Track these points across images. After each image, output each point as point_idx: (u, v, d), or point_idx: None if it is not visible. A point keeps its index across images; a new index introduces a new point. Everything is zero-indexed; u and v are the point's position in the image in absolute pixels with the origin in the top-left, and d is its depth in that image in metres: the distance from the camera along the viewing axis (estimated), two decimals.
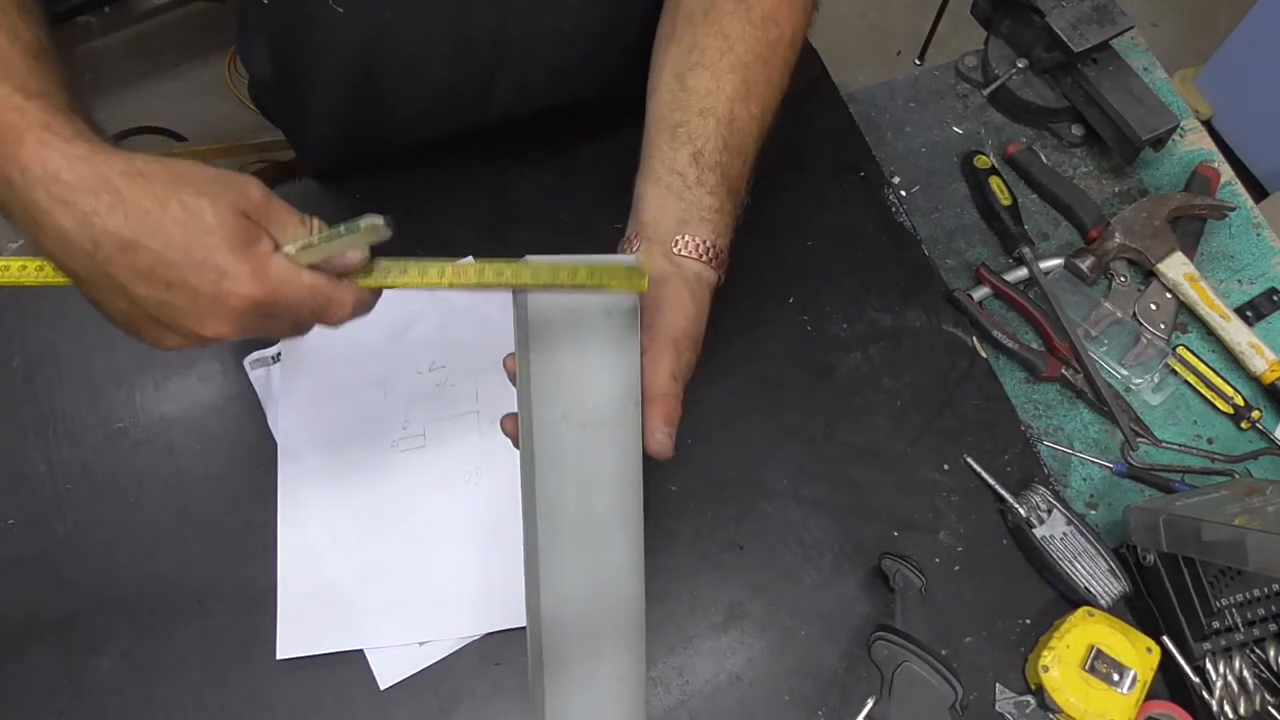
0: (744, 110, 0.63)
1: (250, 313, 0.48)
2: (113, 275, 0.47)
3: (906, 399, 0.82)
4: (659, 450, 0.54)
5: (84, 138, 0.47)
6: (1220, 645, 0.72)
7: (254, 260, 0.47)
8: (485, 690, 0.70)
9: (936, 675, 0.67)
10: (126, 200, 0.45)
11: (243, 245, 0.47)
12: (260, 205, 0.49)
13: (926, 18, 2.08)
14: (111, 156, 0.46)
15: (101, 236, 0.46)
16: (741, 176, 0.64)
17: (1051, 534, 0.75)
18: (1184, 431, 0.86)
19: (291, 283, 0.49)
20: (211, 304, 0.47)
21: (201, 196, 0.46)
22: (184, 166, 0.48)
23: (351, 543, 0.73)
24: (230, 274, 0.47)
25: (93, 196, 0.45)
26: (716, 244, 0.60)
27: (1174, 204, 0.91)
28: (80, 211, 0.45)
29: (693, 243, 0.59)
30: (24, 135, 0.45)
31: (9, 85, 0.47)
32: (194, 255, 0.46)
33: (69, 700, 0.69)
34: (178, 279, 0.46)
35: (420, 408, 0.78)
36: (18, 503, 0.74)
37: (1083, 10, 0.92)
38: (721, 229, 0.61)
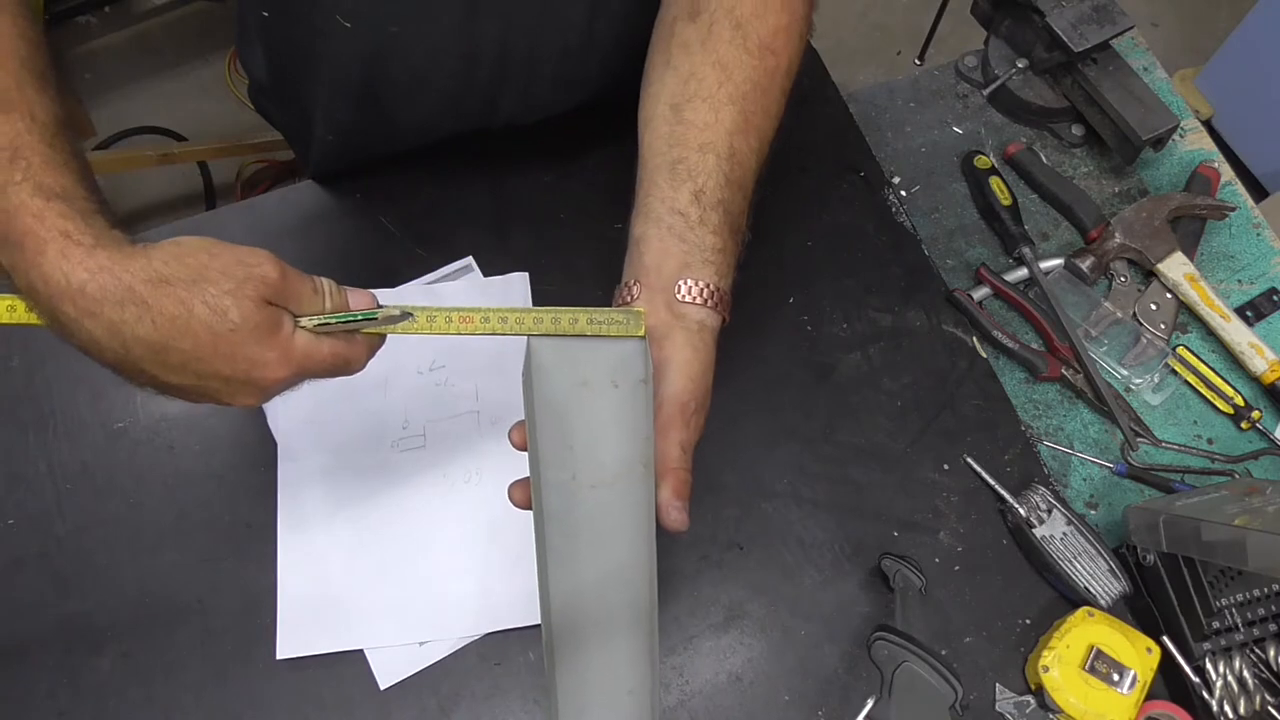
0: (743, 144, 0.61)
1: (278, 387, 0.52)
2: (145, 370, 0.50)
3: (906, 399, 0.82)
4: (673, 526, 0.53)
5: (104, 245, 0.47)
6: (1220, 645, 0.72)
7: (280, 346, 0.50)
8: (485, 690, 0.70)
9: (936, 675, 0.67)
10: (152, 309, 0.47)
11: (268, 335, 0.50)
12: (278, 286, 0.50)
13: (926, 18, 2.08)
14: (132, 263, 0.47)
15: (131, 342, 0.48)
16: (743, 213, 0.62)
17: (1051, 534, 0.75)
18: (1184, 431, 0.86)
19: (314, 355, 0.52)
20: (244, 386, 0.51)
21: (225, 296, 0.48)
22: (203, 261, 0.49)
23: (351, 542, 0.73)
24: (260, 362, 0.50)
25: (119, 308, 0.47)
26: (720, 287, 0.58)
27: (1174, 204, 0.91)
28: (109, 321, 0.47)
29: (696, 288, 0.57)
30: (45, 245, 0.46)
31: (29, 185, 0.47)
32: (223, 350, 0.49)
33: (69, 700, 0.69)
34: (209, 371, 0.49)
35: (420, 408, 0.78)
36: (18, 503, 0.74)
37: (1083, 10, 0.92)
38: (725, 270, 0.59)
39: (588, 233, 0.84)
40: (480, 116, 0.82)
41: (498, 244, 0.84)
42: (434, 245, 0.84)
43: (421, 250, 0.84)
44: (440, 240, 0.84)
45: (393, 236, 0.85)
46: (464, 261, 0.84)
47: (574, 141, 0.88)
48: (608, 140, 0.87)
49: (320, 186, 0.87)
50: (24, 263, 0.47)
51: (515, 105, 0.81)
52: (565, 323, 0.56)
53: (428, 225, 0.85)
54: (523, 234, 0.85)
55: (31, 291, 0.48)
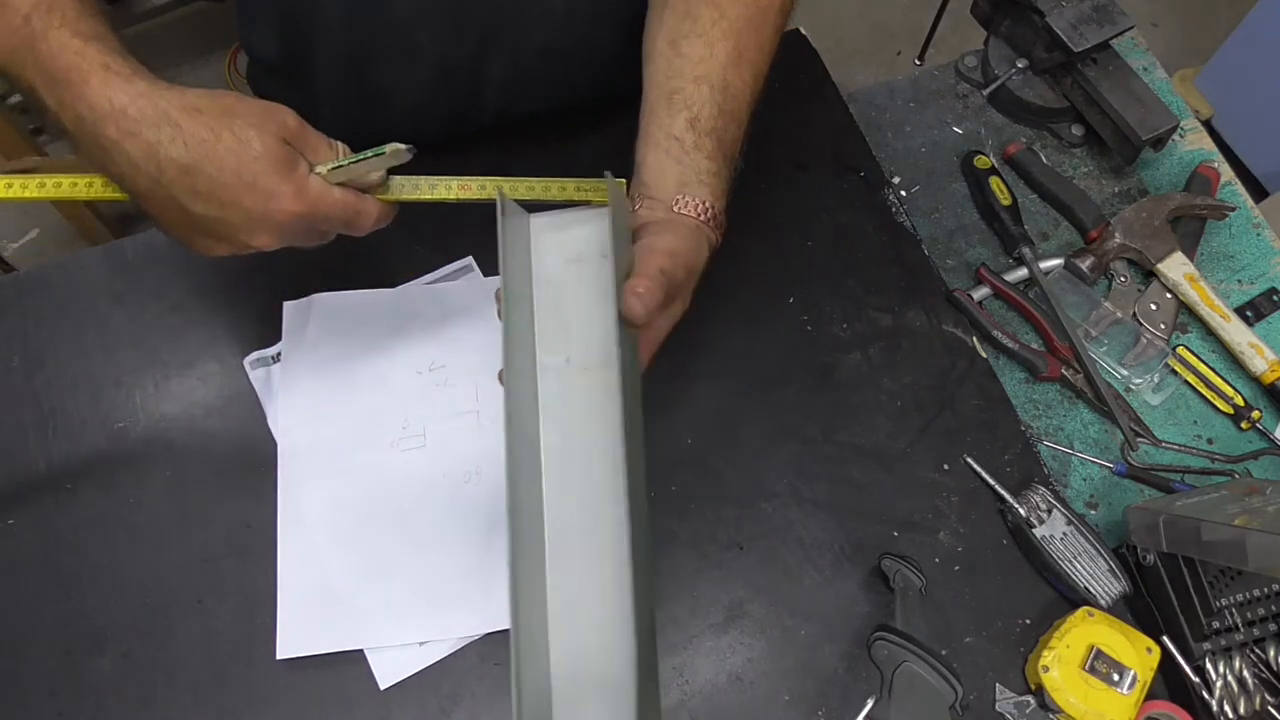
0: (737, 76, 0.65)
1: (293, 226, 0.57)
2: (174, 196, 0.54)
3: (906, 399, 0.82)
4: (626, 310, 0.53)
5: (141, 75, 0.53)
6: (1220, 645, 0.72)
7: (296, 181, 0.56)
8: (485, 690, 0.70)
9: (936, 675, 0.67)
10: (185, 132, 0.53)
11: (286, 168, 0.55)
12: (297, 132, 0.57)
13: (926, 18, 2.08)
14: (168, 92, 0.53)
15: (165, 163, 0.53)
16: (736, 141, 0.66)
17: (1051, 534, 0.75)
18: (1184, 431, 0.86)
19: (326, 198, 0.58)
20: (261, 219, 0.55)
21: (249, 128, 0.54)
22: (231, 100, 0.55)
23: (351, 542, 0.73)
24: (277, 194, 0.55)
25: (156, 129, 0.52)
26: (714, 206, 0.62)
27: (1174, 204, 0.91)
28: (146, 142, 0.52)
29: (692, 203, 0.62)
30: (89, 76, 0.52)
31: (66, 31, 0.53)
32: (245, 178, 0.54)
33: (69, 700, 0.69)
34: (231, 199, 0.54)
35: (420, 408, 0.78)
36: (18, 503, 0.74)
37: (1083, 10, 0.92)
38: (719, 192, 0.63)
39: None
40: (470, 91, 0.82)
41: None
42: (434, 245, 0.84)
43: (421, 250, 0.84)
44: (440, 240, 0.84)
45: (393, 236, 0.84)
46: (464, 261, 0.84)
47: (573, 142, 0.88)
48: (607, 142, 0.87)
49: None
50: (70, 95, 0.52)
51: (504, 77, 0.81)
52: (555, 190, 0.62)
53: (428, 225, 0.85)
54: None
55: (78, 121, 0.53)
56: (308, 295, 0.81)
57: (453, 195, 0.62)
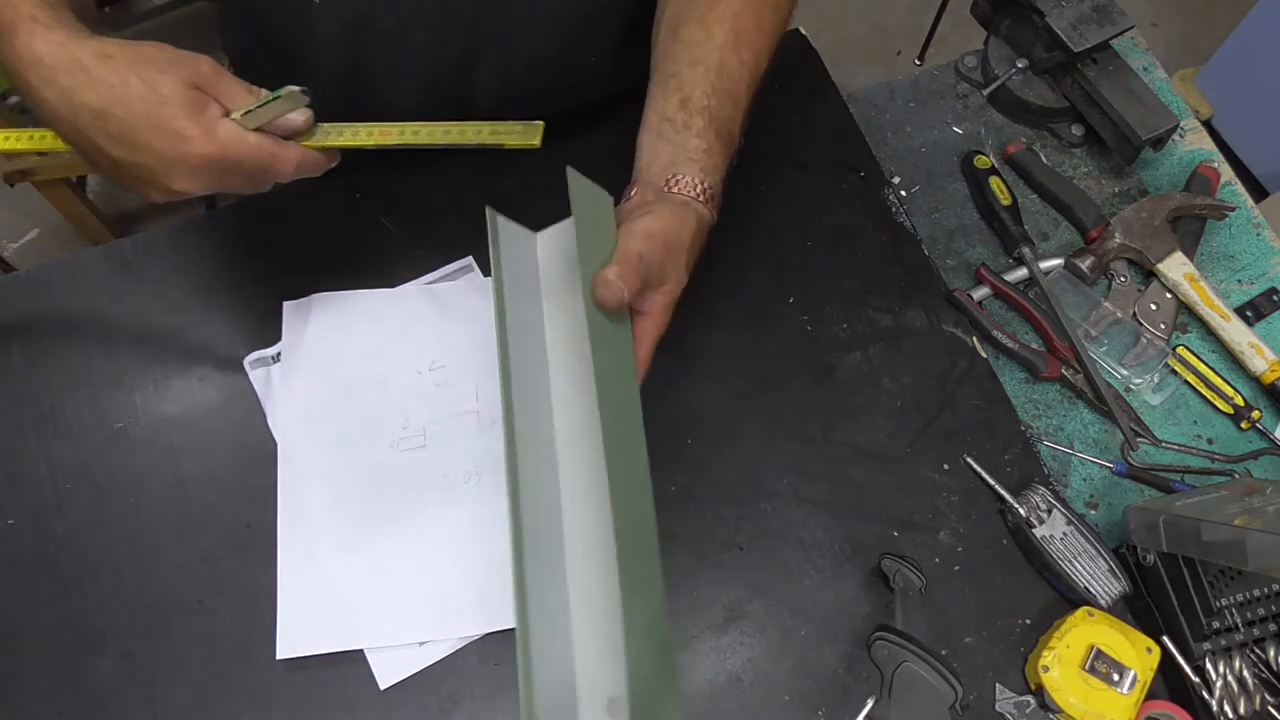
0: (734, 57, 0.67)
1: (207, 169, 0.57)
2: (93, 139, 0.56)
3: (906, 399, 0.82)
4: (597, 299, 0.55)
5: (63, 25, 0.55)
6: (1220, 645, 0.72)
7: (204, 124, 0.56)
8: (485, 690, 0.70)
9: (936, 675, 0.67)
10: (95, 78, 0.55)
11: (195, 112, 0.56)
12: (210, 78, 0.58)
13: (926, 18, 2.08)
14: (87, 41, 0.55)
15: (79, 108, 0.55)
16: (733, 119, 0.67)
17: (1051, 534, 0.75)
18: (1184, 431, 0.86)
19: (238, 141, 0.58)
20: (175, 162, 0.56)
21: (159, 73, 0.55)
22: (147, 48, 0.57)
23: (351, 543, 0.73)
24: (186, 136, 0.56)
25: (70, 75, 0.54)
26: (705, 182, 0.64)
27: (1174, 204, 0.91)
28: (61, 88, 0.55)
29: (683, 181, 0.63)
30: (17, 26, 0.55)
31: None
32: (154, 121, 0.55)
33: (69, 700, 0.69)
34: (143, 142, 0.56)
35: (420, 408, 0.78)
36: (18, 503, 0.74)
37: (1083, 10, 0.92)
38: (709, 168, 0.65)
39: None
40: (458, 101, 0.82)
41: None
42: (434, 245, 0.84)
43: (421, 250, 0.84)
44: (440, 240, 0.84)
45: (393, 236, 0.85)
46: (464, 261, 0.84)
47: (573, 143, 0.88)
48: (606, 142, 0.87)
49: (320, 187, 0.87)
50: (4, 44, 0.55)
51: (493, 85, 0.81)
52: (470, 134, 0.63)
53: (428, 225, 0.85)
54: None
55: (12, 68, 0.56)
56: (308, 295, 0.81)
57: (372, 141, 0.63)
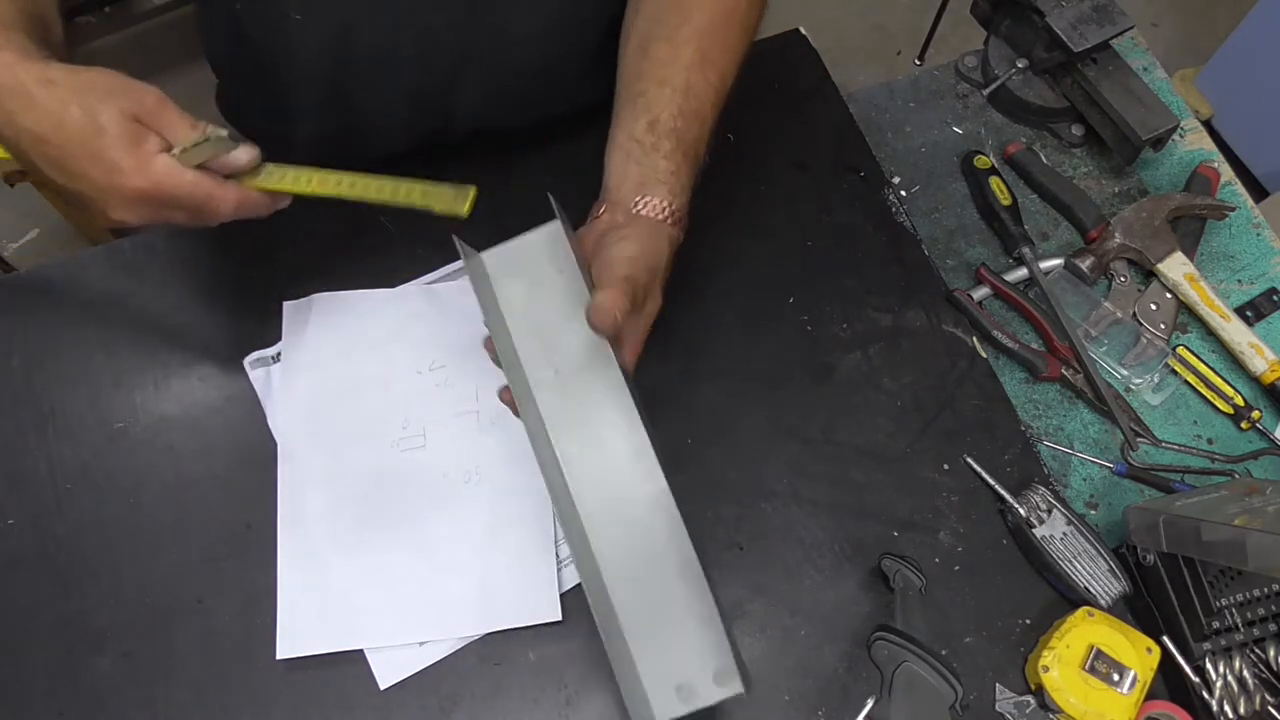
0: (700, 78, 0.68)
1: (141, 201, 0.57)
2: (34, 162, 0.57)
3: (906, 399, 0.82)
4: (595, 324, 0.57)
5: (10, 47, 0.55)
6: (1220, 645, 0.72)
7: (139, 157, 0.56)
8: (485, 690, 0.70)
9: (936, 675, 0.67)
10: (36, 103, 0.55)
11: (131, 145, 0.56)
12: (152, 111, 0.57)
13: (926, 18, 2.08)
14: (32, 65, 0.55)
15: (21, 131, 0.55)
16: (699, 140, 0.68)
17: (1051, 534, 0.75)
18: (1184, 431, 0.86)
19: (174, 178, 0.57)
20: (109, 192, 0.56)
21: (99, 102, 0.55)
22: (91, 75, 0.56)
23: (351, 542, 0.73)
24: (120, 168, 0.55)
25: (12, 98, 0.55)
26: (672, 204, 0.65)
27: (1174, 204, 0.91)
28: (5, 110, 0.55)
29: (652, 203, 0.64)
30: None
31: None
32: (90, 150, 0.55)
33: (69, 700, 0.69)
34: (79, 170, 0.56)
35: (420, 408, 0.78)
36: (18, 503, 0.74)
37: (1083, 10, 0.92)
38: (677, 189, 0.66)
39: None
40: (444, 112, 0.83)
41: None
42: (434, 245, 0.84)
43: (421, 250, 0.84)
44: (440, 240, 0.83)
45: (393, 236, 0.85)
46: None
47: (573, 143, 0.88)
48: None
49: None
50: None
51: (478, 99, 0.82)
52: (402, 193, 0.64)
53: (428, 225, 0.84)
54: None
55: None
56: (308, 295, 0.81)
57: (310, 189, 0.63)
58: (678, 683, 0.61)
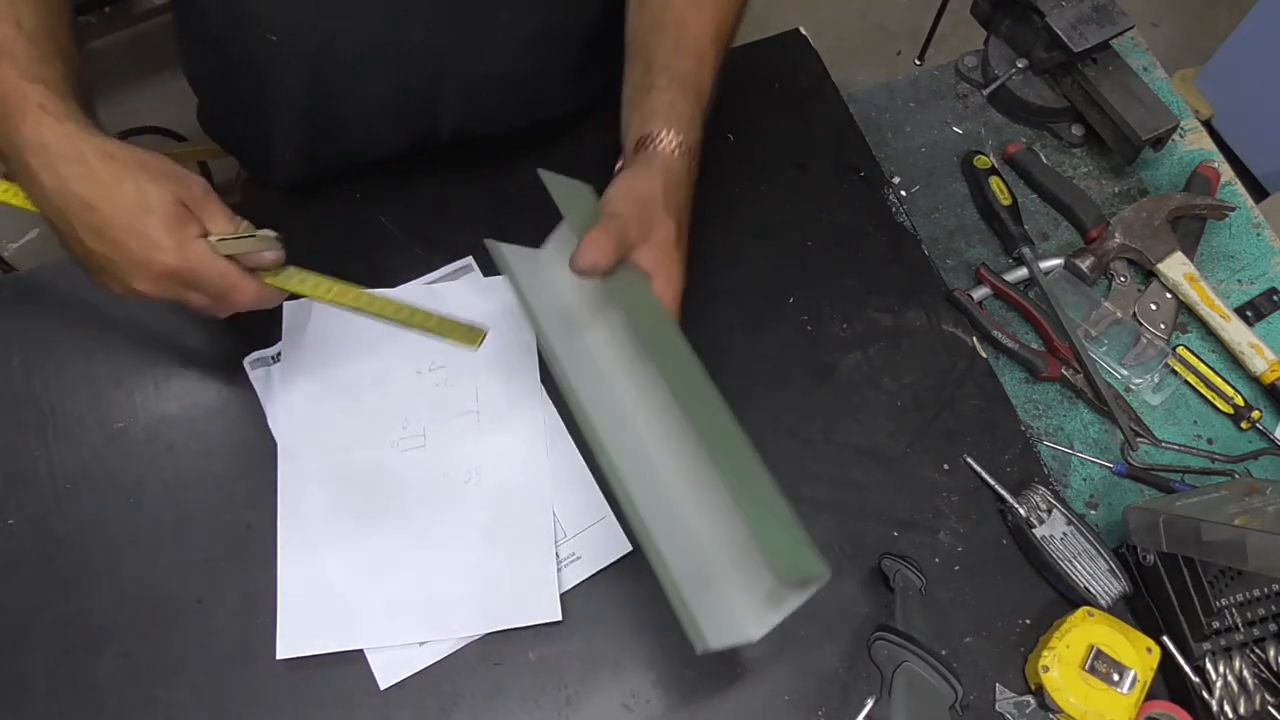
0: (695, 14, 0.70)
1: (169, 279, 0.60)
2: (73, 226, 0.60)
3: (906, 399, 0.82)
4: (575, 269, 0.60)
5: (73, 119, 0.59)
6: (1220, 645, 0.72)
7: (179, 238, 0.59)
8: (485, 690, 0.70)
9: (936, 675, 0.67)
10: (94, 173, 0.58)
11: (175, 226, 0.59)
12: (198, 200, 0.61)
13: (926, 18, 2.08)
14: (92, 138, 0.59)
15: (70, 196, 0.59)
16: (699, 74, 0.69)
17: (1051, 534, 0.75)
18: (1184, 431, 0.86)
19: (206, 263, 0.61)
20: (141, 265, 0.60)
21: (151, 182, 0.59)
22: (146, 157, 0.60)
23: (351, 543, 0.73)
24: (158, 245, 0.59)
25: (69, 165, 0.58)
26: (672, 134, 0.66)
27: (1174, 204, 0.91)
28: (59, 175, 0.58)
29: (653, 138, 0.66)
30: (25, 113, 0.58)
31: (15, 71, 0.59)
32: (134, 224, 0.58)
33: (69, 700, 0.69)
34: (118, 240, 0.59)
35: (420, 408, 0.78)
36: (18, 503, 0.74)
37: (1083, 10, 0.92)
38: (673, 120, 0.66)
39: None
40: (422, 126, 0.83)
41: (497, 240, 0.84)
42: (434, 245, 0.84)
43: (421, 250, 0.84)
44: (440, 240, 0.84)
45: (393, 236, 0.85)
46: (464, 261, 0.84)
47: (574, 142, 0.89)
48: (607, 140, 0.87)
49: (320, 187, 0.87)
50: (9, 127, 0.59)
51: (460, 106, 0.82)
52: (419, 319, 0.67)
53: (428, 225, 0.85)
54: (522, 234, 0.84)
55: (13, 147, 0.59)
56: None
57: (330, 298, 0.66)
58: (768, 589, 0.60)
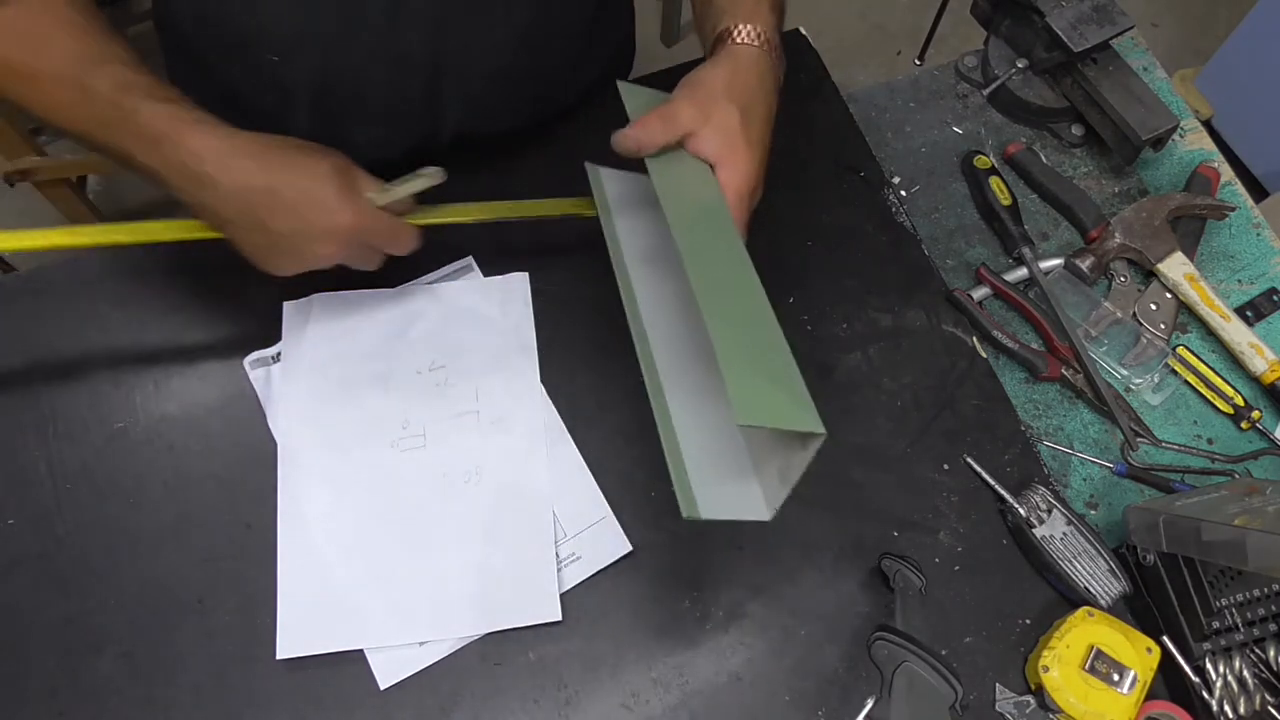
0: None
1: (348, 237, 0.67)
2: (258, 216, 0.65)
3: (906, 399, 0.82)
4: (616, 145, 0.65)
5: (221, 124, 0.64)
6: (1220, 645, 0.72)
7: (351, 200, 0.66)
8: (485, 690, 0.70)
9: (936, 675, 0.67)
10: (265, 162, 0.64)
11: (345, 189, 0.66)
12: (347, 167, 0.68)
13: (926, 18, 2.08)
14: (242, 133, 0.65)
15: (251, 188, 0.64)
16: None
17: (1051, 534, 0.75)
18: (1184, 431, 0.86)
19: (376, 217, 0.68)
20: (325, 230, 0.66)
21: (311, 158, 0.66)
22: (293, 140, 0.66)
23: (351, 543, 0.73)
24: (337, 209, 0.65)
25: (242, 160, 0.64)
26: (744, 26, 0.69)
27: (1174, 204, 0.91)
28: (235, 171, 0.63)
29: (730, 34, 0.69)
30: (185, 130, 0.63)
31: (153, 101, 0.63)
32: (313, 196, 0.65)
33: (69, 700, 0.69)
34: (300, 212, 0.65)
35: (420, 408, 0.78)
36: (18, 503, 0.74)
37: (1083, 10, 0.92)
38: (750, 15, 0.69)
39: (588, 232, 0.84)
40: (423, 126, 0.84)
41: (498, 244, 0.84)
42: (434, 245, 0.83)
43: (421, 250, 0.84)
44: (440, 240, 0.83)
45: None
46: (464, 261, 0.84)
47: (574, 141, 0.88)
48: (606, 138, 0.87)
49: None
50: (170, 147, 0.62)
51: (460, 108, 0.83)
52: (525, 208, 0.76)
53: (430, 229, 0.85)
54: (523, 234, 0.84)
55: (180, 166, 0.63)
56: (308, 295, 0.81)
57: (469, 217, 0.74)
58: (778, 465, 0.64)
